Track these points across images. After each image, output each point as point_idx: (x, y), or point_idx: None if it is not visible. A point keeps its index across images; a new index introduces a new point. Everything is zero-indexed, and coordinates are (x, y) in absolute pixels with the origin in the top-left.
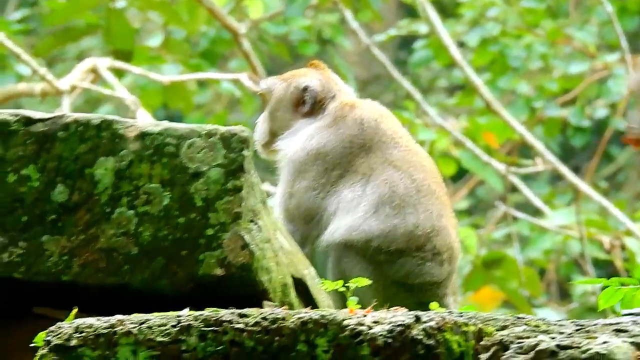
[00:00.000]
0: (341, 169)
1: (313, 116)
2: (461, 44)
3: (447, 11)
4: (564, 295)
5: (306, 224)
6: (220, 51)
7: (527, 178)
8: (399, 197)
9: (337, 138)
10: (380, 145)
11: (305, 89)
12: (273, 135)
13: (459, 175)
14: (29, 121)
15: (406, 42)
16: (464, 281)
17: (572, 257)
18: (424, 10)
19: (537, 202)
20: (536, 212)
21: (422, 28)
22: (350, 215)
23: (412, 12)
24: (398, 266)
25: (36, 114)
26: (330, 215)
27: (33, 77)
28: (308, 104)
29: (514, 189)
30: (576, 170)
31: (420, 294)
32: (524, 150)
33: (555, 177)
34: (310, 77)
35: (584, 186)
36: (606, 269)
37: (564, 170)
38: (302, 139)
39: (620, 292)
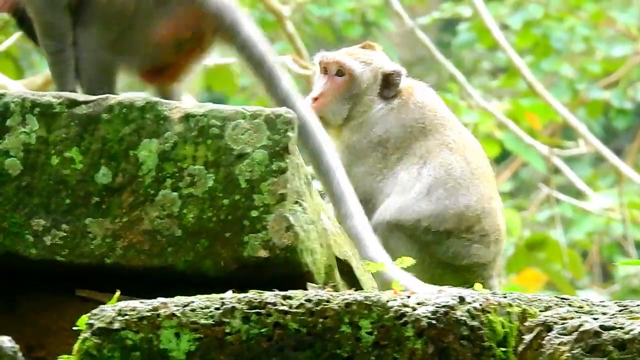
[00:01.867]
0: (400, 152)
1: (383, 101)
2: (504, 27)
3: None
4: (607, 277)
5: (363, 207)
6: (265, 33)
7: (570, 160)
8: (453, 179)
9: (399, 123)
10: (438, 127)
11: (395, 74)
12: (350, 118)
13: (503, 157)
14: (72, 103)
15: (449, 25)
16: (507, 263)
17: (615, 239)
18: None
19: (580, 184)
20: (579, 194)
21: (465, 11)
22: (404, 196)
23: None
24: (445, 247)
25: (80, 97)
26: (385, 197)
27: None
28: (393, 89)
29: (556, 171)
30: (618, 152)
31: (466, 275)
32: (567, 133)
33: (598, 159)
34: (387, 60)
35: (626, 168)
36: None
37: (607, 152)
38: (367, 124)
39: None
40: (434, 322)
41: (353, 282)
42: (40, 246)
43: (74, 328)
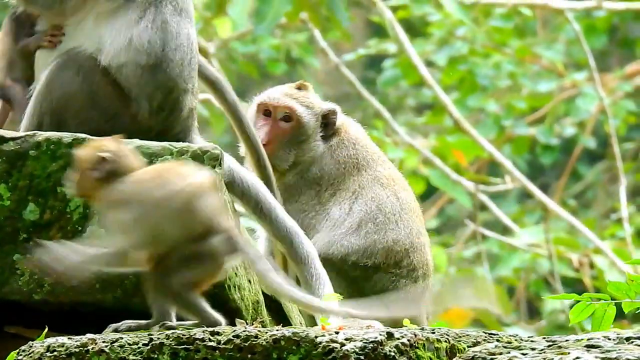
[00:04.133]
0: (333, 188)
1: (322, 141)
2: (430, 63)
3: (416, 30)
4: (533, 313)
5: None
6: None
7: (496, 196)
8: (383, 214)
9: (334, 161)
10: (370, 163)
11: (331, 113)
12: (296, 163)
13: (428, 193)
14: (0, 140)
15: (375, 61)
16: (433, 299)
17: (542, 275)
18: (393, 29)
19: (506, 221)
20: (505, 230)
21: (390, 47)
22: (334, 231)
23: (380, 31)
24: (373, 282)
25: (7, 133)
26: (316, 233)
27: None
28: (331, 128)
29: (483, 207)
30: (545, 188)
31: None
32: (493, 169)
33: (524, 195)
34: (319, 99)
35: (552, 204)
36: (575, 286)
37: (533, 188)
38: (305, 164)
39: (591, 308)
40: (362, 357)
41: (281, 318)
42: None
43: None
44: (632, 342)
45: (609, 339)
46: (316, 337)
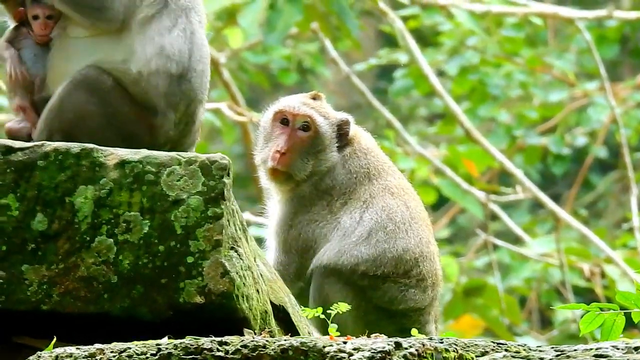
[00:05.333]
0: (345, 198)
1: (341, 148)
2: (441, 73)
3: (427, 40)
4: (545, 323)
5: (302, 255)
6: None
7: (507, 206)
8: (394, 223)
9: (346, 171)
10: (381, 172)
11: (344, 123)
12: (313, 174)
13: (440, 203)
14: (8, 150)
15: (386, 71)
16: (444, 309)
17: (553, 285)
18: (404, 39)
19: (518, 230)
20: (517, 240)
21: (401, 57)
22: (344, 240)
23: (391, 41)
24: (382, 292)
25: (16, 143)
26: (326, 242)
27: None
28: (345, 138)
29: (494, 217)
30: (556, 198)
31: (402, 320)
32: (504, 179)
33: (536, 205)
34: (332, 109)
35: (564, 214)
36: (586, 296)
37: (544, 198)
38: (318, 175)
39: (600, 318)
40: None
41: (289, 328)
42: None
43: None
44: None
45: (618, 349)
46: (324, 346)
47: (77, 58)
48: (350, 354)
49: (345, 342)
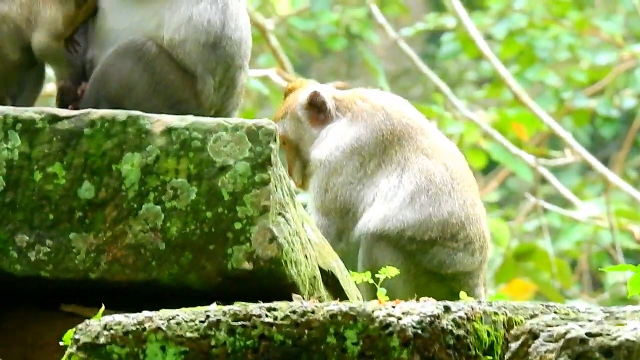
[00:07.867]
0: (377, 159)
1: (331, 120)
2: (488, 37)
3: (474, 4)
4: (596, 286)
5: (342, 218)
6: None
7: (557, 169)
8: (435, 185)
9: (367, 129)
10: (410, 131)
11: (310, 98)
12: (304, 168)
13: (489, 167)
14: (54, 118)
15: (434, 36)
16: (495, 274)
17: (603, 247)
18: (451, 3)
19: (567, 194)
20: (566, 204)
21: (449, 21)
22: (387, 205)
23: (439, 6)
24: (430, 256)
25: (62, 112)
26: (367, 206)
27: None
28: (325, 108)
29: (544, 181)
30: (605, 160)
31: (451, 284)
32: (554, 142)
33: (585, 168)
34: (303, 90)
35: (613, 177)
36: (637, 258)
37: (594, 161)
38: (332, 139)
39: None
40: (419, 331)
41: (337, 293)
42: (24, 262)
43: (60, 343)
44: None
45: None
46: (373, 311)
47: (119, 24)
48: (399, 318)
49: (394, 307)
